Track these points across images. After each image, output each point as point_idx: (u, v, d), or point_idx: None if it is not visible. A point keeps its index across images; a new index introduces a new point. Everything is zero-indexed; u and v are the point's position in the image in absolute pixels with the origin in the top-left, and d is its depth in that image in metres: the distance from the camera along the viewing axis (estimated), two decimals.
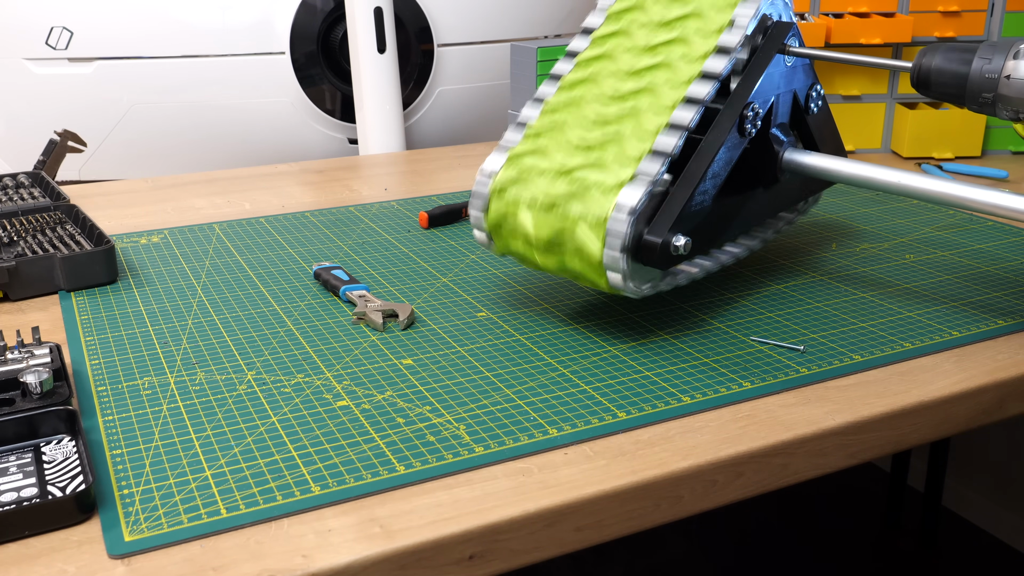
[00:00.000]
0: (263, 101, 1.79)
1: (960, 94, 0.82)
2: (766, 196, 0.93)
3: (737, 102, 0.84)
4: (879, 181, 0.86)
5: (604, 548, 1.85)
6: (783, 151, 0.91)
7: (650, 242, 0.77)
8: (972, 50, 0.82)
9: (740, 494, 0.67)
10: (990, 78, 0.79)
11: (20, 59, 1.76)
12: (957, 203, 0.83)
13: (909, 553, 1.85)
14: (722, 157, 0.82)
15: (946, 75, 0.82)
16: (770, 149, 0.91)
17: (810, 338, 0.83)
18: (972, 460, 1.93)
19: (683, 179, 0.80)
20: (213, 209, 1.23)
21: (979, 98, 0.81)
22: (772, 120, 0.90)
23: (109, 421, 0.69)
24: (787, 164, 0.91)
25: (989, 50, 0.80)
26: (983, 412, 0.77)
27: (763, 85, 0.87)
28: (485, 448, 0.66)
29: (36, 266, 0.92)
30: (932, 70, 0.83)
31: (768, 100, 0.88)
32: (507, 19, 1.97)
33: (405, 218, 1.18)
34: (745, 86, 0.85)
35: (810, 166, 0.91)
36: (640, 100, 0.84)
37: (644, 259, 0.78)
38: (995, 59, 0.79)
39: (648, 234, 0.77)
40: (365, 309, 0.87)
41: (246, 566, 0.54)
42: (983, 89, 0.80)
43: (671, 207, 0.78)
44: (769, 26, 0.88)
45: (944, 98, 0.84)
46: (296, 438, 0.67)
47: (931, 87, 0.83)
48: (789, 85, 0.92)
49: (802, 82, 0.94)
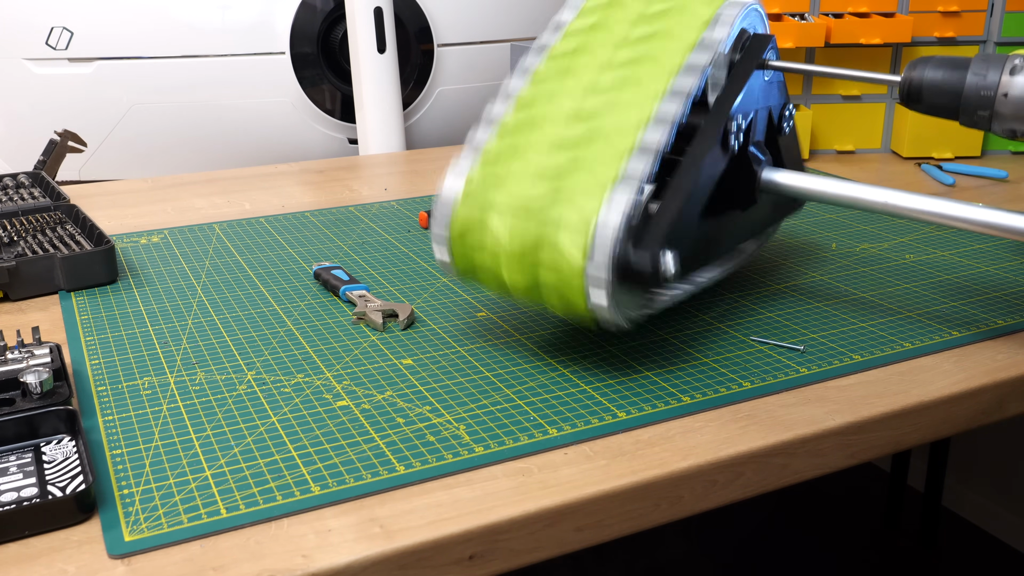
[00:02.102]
0: (263, 101, 1.80)
1: (954, 108, 0.79)
2: (744, 218, 0.89)
3: (719, 115, 0.80)
4: (862, 200, 0.82)
5: (604, 548, 1.85)
6: (761, 170, 0.87)
7: (638, 262, 0.71)
8: (964, 64, 0.79)
9: (740, 494, 0.67)
10: (986, 95, 0.77)
11: (20, 59, 1.76)
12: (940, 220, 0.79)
13: (909, 553, 1.85)
14: (706, 172, 0.78)
15: (938, 91, 0.79)
16: (749, 168, 0.86)
17: (810, 338, 0.83)
18: (972, 460, 1.93)
19: (668, 196, 0.74)
20: (213, 209, 1.23)
21: (974, 115, 0.78)
22: (751, 137, 0.86)
23: (109, 421, 0.69)
24: (766, 184, 0.87)
25: (982, 65, 0.77)
26: (983, 412, 0.77)
27: (745, 99, 0.83)
28: (485, 448, 0.66)
29: (36, 266, 0.92)
30: (924, 84, 0.80)
31: (749, 114, 0.85)
32: (507, 19, 1.97)
33: (405, 218, 1.18)
34: (727, 98, 0.81)
35: (791, 187, 0.86)
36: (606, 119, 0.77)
37: (632, 281, 0.71)
38: (990, 75, 0.77)
39: (635, 254, 0.71)
40: (365, 309, 0.87)
41: (246, 566, 0.54)
42: (979, 107, 0.77)
43: (658, 225, 0.73)
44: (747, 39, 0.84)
45: (936, 113, 0.81)
46: (296, 438, 0.67)
47: (922, 102, 0.80)
48: (766, 101, 0.89)
49: (776, 99, 0.91)
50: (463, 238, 0.76)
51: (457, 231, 0.76)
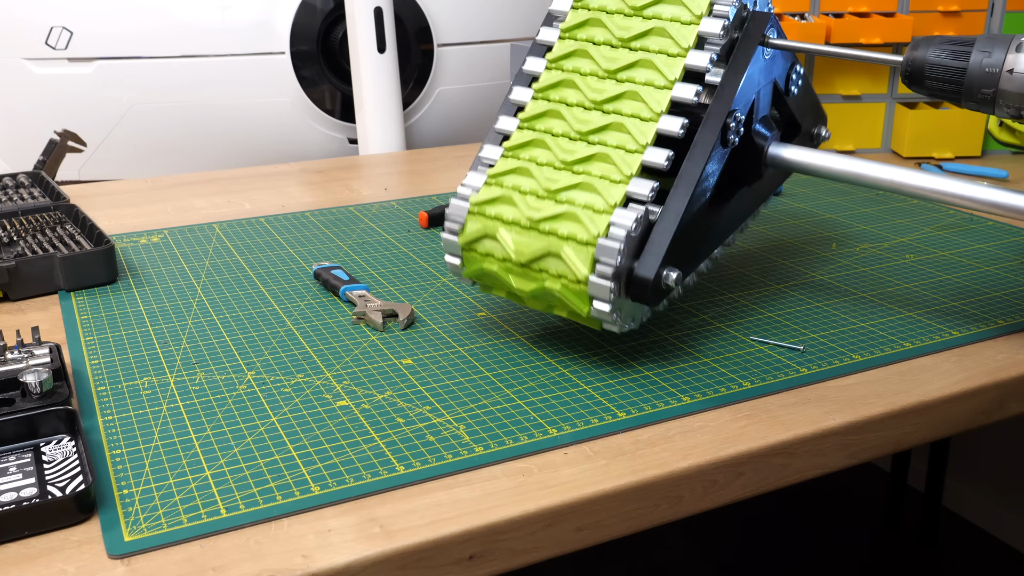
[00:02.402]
0: (263, 101, 1.80)
1: (956, 90, 0.77)
2: (749, 193, 0.88)
3: (719, 111, 0.78)
4: (868, 177, 0.82)
5: (604, 548, 1.85)
6: (768, 146, 0.85)
7: (641, 279, 0.72)
8: (969, 43, 0.77)
9: (740, 494, 0.67)
10: (990, 72, 0.75)
11: (20, 59, 1.76)
12: (949, 200, 0.79)
13: (909, 553, 1.85)
14: (707, 173, 0.77)
15: (941, 69, 0.77)
16: (754, 146, 0.85)
17: (810, 338, 0.83)
18: (972, 460, 1.93)
19: (668, 208, 0.74)
20: (213, 209, 1.23)
21: (978, 94, 0.76)
22: (754, 116, 0.84)
23: (109, 421, 0.69)
24: (772, 160, 0.86)
25: (988, 43, 0.76)
26: (983, 412, 0.77)
27: (744, 89, 0.80)
28: (485, 448, 0.66)
29: (36, 266, 0.92)
30: (926, 63, 0.78)
31: (749, 102, 0.82)
32: (507, 19, 1.97)
33: (405, 218, 1.18)
34: (726, 92, 0.78)
35: (798, 162, 0.85)
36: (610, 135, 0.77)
37: (635, 297, 0.73)
38: (995, 52, 0.75)
39: (638, 271, 0.72)
40: (365, 309, 0.87)
41: (246, 566, 0.54)
42: (983, 84, 0.75)
43: (660, 239, 0.73)
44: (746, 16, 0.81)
45: (937, 94, 0.79)
46: (296, 438, 0.67)
47: (924, 82, 0.78)
48: (769, 76, 0.85)
49: (781, 68, 0.87)
50: (473, 248, 0.78)
51: (466, 241, 0.78)
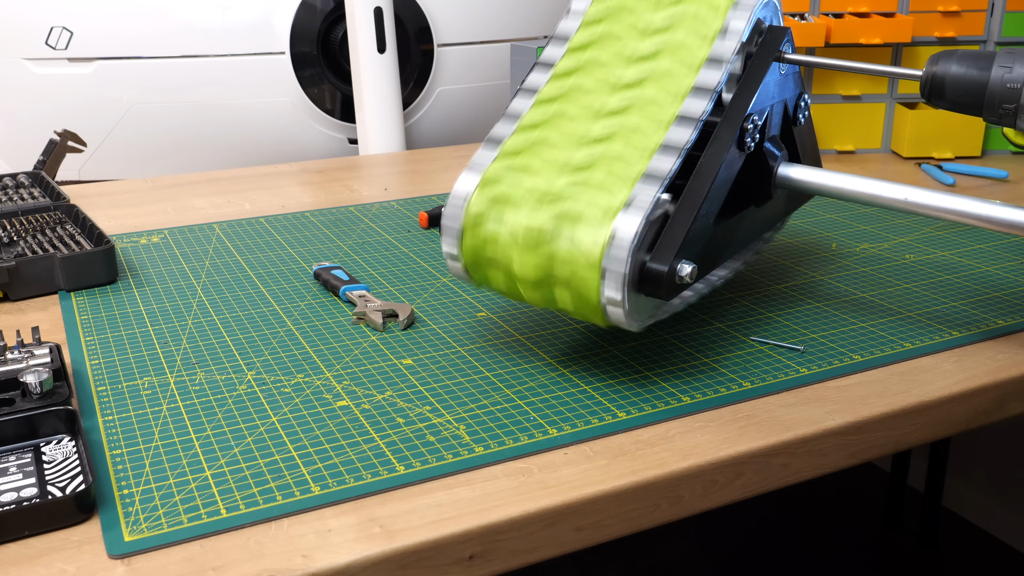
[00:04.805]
0: (263, 101, 1.80)
1: (977, 104, 0.77)
2: (758, 215, 0.88)
3: (736, 114, 0.78)
4: (881, 197, 0.81)
5: (604, 548, 1.85)
6: (777, 166, 0.86)
7: (655, 271, 0.70)
8: (989, 57, 0.77)
9: (740, 494, 0.67)
10: (1012, 88, 0.75)
11: (20, 59, 1.76)
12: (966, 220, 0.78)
13: (909, 553, 1.85)
14: (722, 175, 0.76)
15: (962, 84, 0.77)
16: (765, 164, 0.85)
17: (810, 338, 0.83)
18: (972, 460, 1.93)
19: (685, 200, 0.73)
20: (213, 209, 1.23)
21: (999, 109, 0.76)
22: (767, 133, 0.85)
23: (109, 421, 0.69)
24: (781, 180, 0.86)
25: (1008, 58, 0.76)
26: (983, 412, 0.77)
27: (760, 95, 0.81)
28: (485, 448, 0.66)
29: (36, 266, 0.92)
30: (948, 78, 0.78)
31: (765, 111, 0.83)
32: (507, 19, 1.97)
33: (405, 218, 1.18)
34: (743, 97, 0.79)
35: (807, 183, 0.85)
36: (630, 116, 0.76)
37: (648, 290, 0.71)
38: (1016, 67, 0.75)
39: (652, 262, 0.70)
40: (365, 309, 0.87)
41: (246, 566, 0.54)
42: (1004, 100, 0.75)
43: (674, 232, 0.72)
44: (764, 31, 0.83)
45: (958, 108, 0.79)
46: (296, 438, 0.67)
47: (945, 97, 0.78)
48: (781, 95, 0.87)
49: (791, 91, 0.89)
50: (475, 229, 0.75)
51: (470, 222, 0.75)
